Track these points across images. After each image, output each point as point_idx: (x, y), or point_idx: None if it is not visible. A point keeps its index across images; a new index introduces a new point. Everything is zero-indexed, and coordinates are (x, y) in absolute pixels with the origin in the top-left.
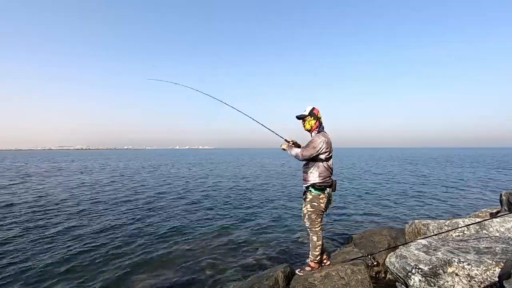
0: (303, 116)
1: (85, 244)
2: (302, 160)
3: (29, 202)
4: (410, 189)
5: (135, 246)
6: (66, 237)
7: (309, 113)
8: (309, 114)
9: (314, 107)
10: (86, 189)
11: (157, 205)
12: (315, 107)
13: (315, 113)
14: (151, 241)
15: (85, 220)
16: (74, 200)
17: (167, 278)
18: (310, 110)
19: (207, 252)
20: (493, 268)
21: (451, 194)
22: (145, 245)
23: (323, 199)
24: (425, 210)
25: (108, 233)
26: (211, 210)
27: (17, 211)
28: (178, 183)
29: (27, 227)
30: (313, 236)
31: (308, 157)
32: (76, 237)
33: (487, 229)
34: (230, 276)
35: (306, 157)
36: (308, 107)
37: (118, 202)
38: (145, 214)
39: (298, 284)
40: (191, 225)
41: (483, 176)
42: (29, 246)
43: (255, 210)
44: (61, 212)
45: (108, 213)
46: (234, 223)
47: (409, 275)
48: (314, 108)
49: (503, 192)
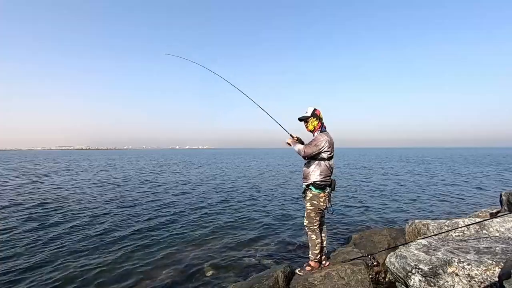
0: (305, 117)
1: (87, 242)
2: (303, 156)
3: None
4: (410, 188)
5: (135, 246)
6: (66, 236)
7: (312, 114)
8: (311, 115)
9: (315, 108)
10: (95, 189)
11: (158, 205)
12: (316, 108)
13: (317, 114)
14: (151, 240)
15: (90, 219)
16: (78, 200)
17: (167, 278)
18: (312, 111)
19: (207, 251)
20: (493, 268)
21: (451, 194)
22: (145, 244)
23: (323, 198)
24: (425, 210)
25: (109, 232)
26: (211, 210)
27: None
28: (180, 183)
29: (31, 225)
30: (311, 235)
31: (309, 155)
32: (76, 236)
33: (487, 229)
34: (230, 276)
35: (307, 154)
36: (309, 108)
37: (124, 202)
38: (146, 214)
39: (298, 284)
40: (191, 224)
41: (484, 176)
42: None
43: (255, 210)
44: (76, 212)
45: (113, 212)
46: (234, 223)
47: (409, 275)
48: (316, 109)
49: (503, 192)
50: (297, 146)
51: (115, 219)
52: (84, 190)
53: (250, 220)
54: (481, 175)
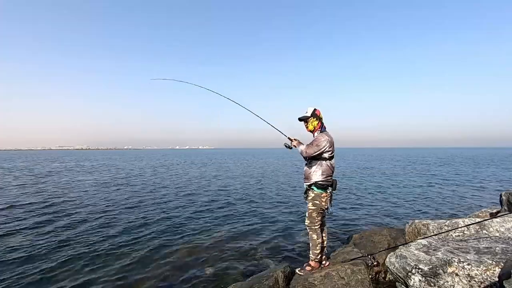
0: (306, 117)
1: (87, 241)
2: (305, 156)
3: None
4: (410, 189)
5: (135, 246)
6: (65, 235)
7: (312, 114)
8: (311, 115)
9: (315, 108)
10: (98, 189)
11: (158, 205)
12: (316, 108)
13: (317, 114)
14: (151, 240)
15: (92, 218)
16: (79, 200)
17: (167, 278)
18: (312, 111)
19: (207, 251)
20: (493, 268)
21: (451, 194)
22: (145, 244)
23: (325, 197)
24: (425, 210)
25: (110, 231)
26: (211, 210)
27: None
28: (181, 183)
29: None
30: (312, 235)
31: (311, 155)
32: (76, 235)
33: (487, 229)
34: (230, 276)
35: (309, 155)
36: (309, 108)
37: (125, 202)
38: (146, 214)
39: (298, 284)
40: (191, 224)
41: (484, 175)
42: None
43: (255, 209)
44: (76, 211)
45: (114, 213)
46: (234, 223)
47: (409, 275)
48: (316, 109)
49: (503, 192)
50: (300, 147)
51: (115, 219)
52: (86, 190)
53: (250, 220)
54: (481, 175)
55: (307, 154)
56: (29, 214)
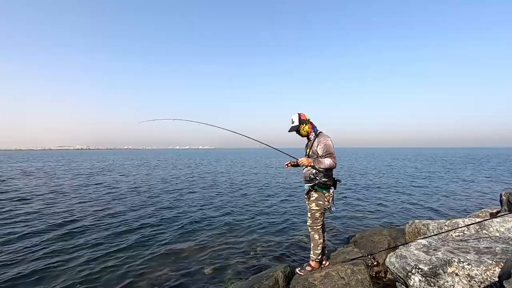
0: (296, 127)
1: (86, 240)
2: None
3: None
4: (411, 188)
5: (135, 245)
6: (65, 234)
7: (299, 121)
8: (300, 123)
9: (298, 113)
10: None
11: (157, 205)
12: (300, 113)
13: (304, 118)
14: (151, 240)
15: (94, 217)
16: (81, 200)
17: (166, 278)
18: (299, 119)
19: (207, 251)
20: (493, 268)
21: (451, 194)
22: (145, 244)
23: (327, 197)
24: (425, 210)
25: (110, 231)
26: (210, 210)
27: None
28: (180, 183)
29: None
30: (314, 235)
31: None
32: (76, 234)
33: (487, 229)
34: (230, 276)
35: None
36: (294, 117)
37: (125, 203)
38: (145, 214)
39: (298, 284)
40: (191, 224)
41: (484, 176)
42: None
43: (255, 209)
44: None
45: (112, 212)
46: (234, 223)
47: (409, 275)
48: (300, 114)
49: (503, 192)
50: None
51: (114, 219)
52: (88, 189)
53: (249, 220)
54: (481, 175)
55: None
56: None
